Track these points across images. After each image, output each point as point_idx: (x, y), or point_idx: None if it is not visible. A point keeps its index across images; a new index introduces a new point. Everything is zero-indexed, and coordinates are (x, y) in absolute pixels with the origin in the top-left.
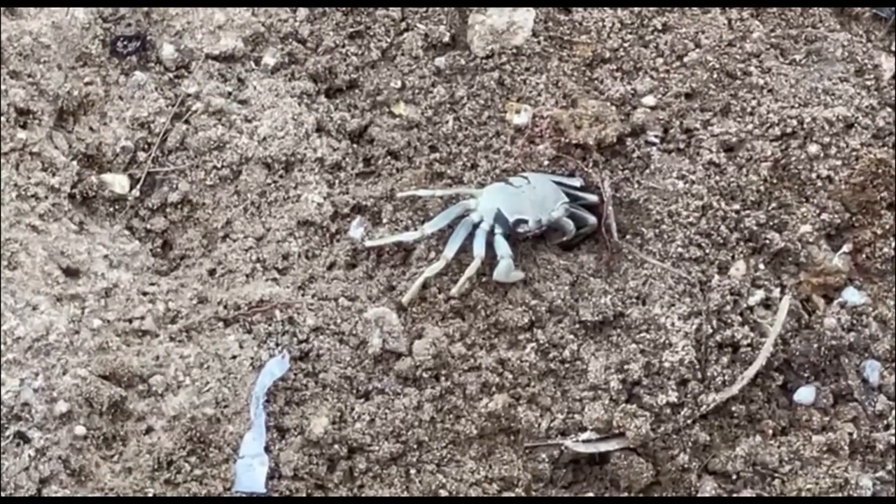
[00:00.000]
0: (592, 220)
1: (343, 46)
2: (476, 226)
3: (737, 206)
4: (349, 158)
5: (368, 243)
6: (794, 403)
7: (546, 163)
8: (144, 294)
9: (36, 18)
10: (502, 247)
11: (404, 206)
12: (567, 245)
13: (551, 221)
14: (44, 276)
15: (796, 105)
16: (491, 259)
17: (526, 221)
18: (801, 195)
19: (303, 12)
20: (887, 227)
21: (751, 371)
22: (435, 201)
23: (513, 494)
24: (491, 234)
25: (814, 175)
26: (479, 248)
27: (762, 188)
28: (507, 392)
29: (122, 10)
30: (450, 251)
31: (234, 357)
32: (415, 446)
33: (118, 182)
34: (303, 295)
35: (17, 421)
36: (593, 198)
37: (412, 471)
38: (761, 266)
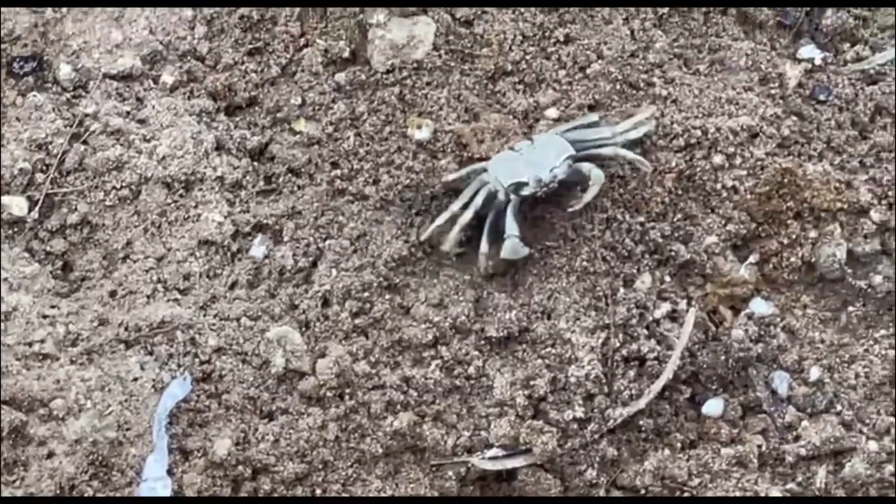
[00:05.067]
0: (587, 169)
1: (242, 63)
2: (492, 196)
3: (641, 219)
4: (250, 176)
5: (424, 236)
6: (702, 416)
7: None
8: (45, 317)
9: None
10: (511, 226)
11: (307, 223)
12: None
13: (556, 178)
14: None
15: (700, 115)
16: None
17: (526, 183)
18: (706, 206)
19: (201, 30)
20: (794, 236)
21: (658, 384)
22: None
23: None
24: (506, 204)
25: (719, 185)
26: (489, 221)
27: (667, 199)
28: (412, 410)
29: (18, 31)
30: (467, 215)
31: (135, 379)
32: (320, 466)
33: (16, 204)
34: (204, 315)
35: None
36: (608, 143)
37: (318, 491)
38: (667, 278)
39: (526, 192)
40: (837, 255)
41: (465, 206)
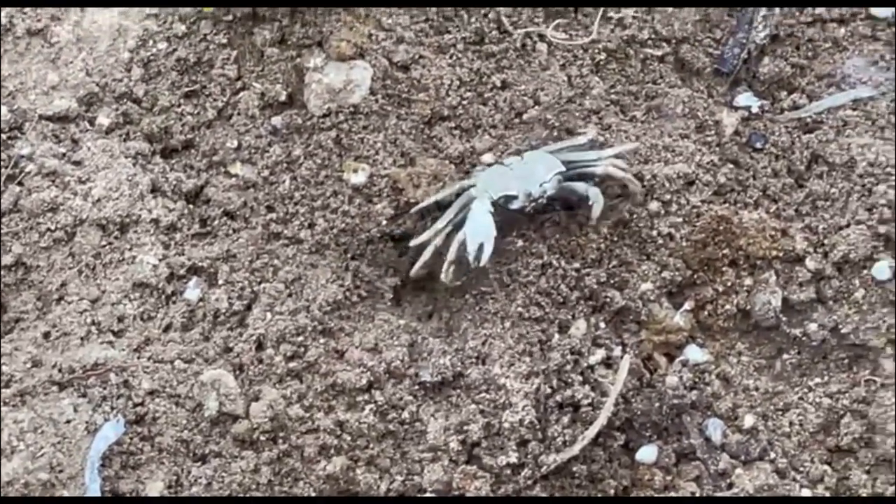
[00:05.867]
0: (583, 189)
1: (178, 106)
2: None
3: (577, 265)
4: (185, 219)
5: (413, 242)
6: (636, 463)
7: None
8: None
9: None
10: (478, 208)
11: (241, 266)
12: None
13: (546, 192)
14: None
15: (636, 162)
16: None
17: (515, 197)
18: (641, 253)
19: (137, 72)
20: (729, 284)
21: (592, 431)
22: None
23: None
24: (491, 215)
25: (655, 232)
26: (452, 249)
27: (603, 246)
28: (346, 454)
29: None
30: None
31: (68, 421)
32: None
33: None
34: (138, 357)
35: None
36: (599, 164)
37: None
38: (602, 325)
39: (515, 205)
40: (772, 303)
41: (451, 222)
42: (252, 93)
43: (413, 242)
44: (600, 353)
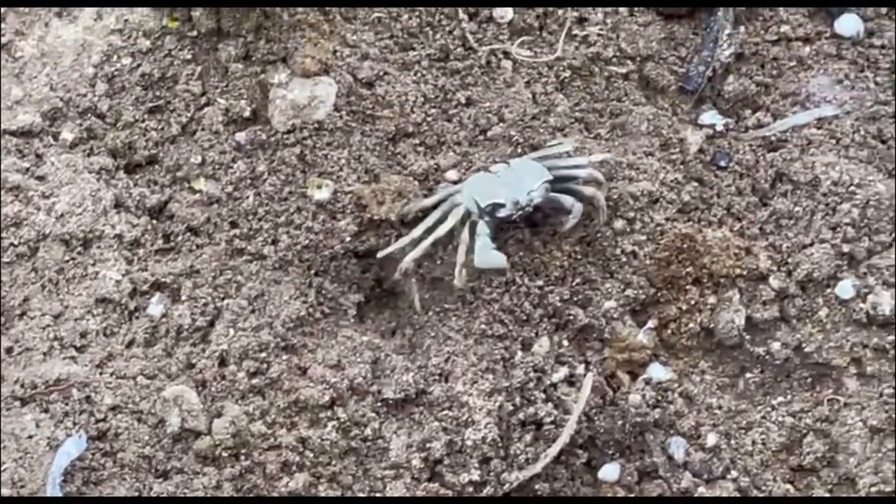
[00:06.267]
0: (569, 201)
1: (142, 121)
2: (464, 218)
3: (540, 282)
4: (148, 235)
5: (381, 254)
6: (598, 481)
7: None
8: None
9: None
10: (481, 232)
11: (205, 282)
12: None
13: (533, 202)
14: None
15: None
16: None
17: (503, 205)
18: (605, 271)
19: (102, 87)
20: (693, 302)
21: (554, 448)
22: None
23: None
24: (474, 222)
25: (618, 250)
26: (463, 236)
27: (566, 264)
28: (308, 471)
29: None
30: (441, 230)
31: (30, 437)
32: None
33: None
34: (101, 373)
35: None
36: (584, 172)
37: None
38: (565, 342)
39: (502, 213)
40: (736, 322)
41: (437, 225)
42: (216, 108)
43: (380, 253)
44: (563, 371)
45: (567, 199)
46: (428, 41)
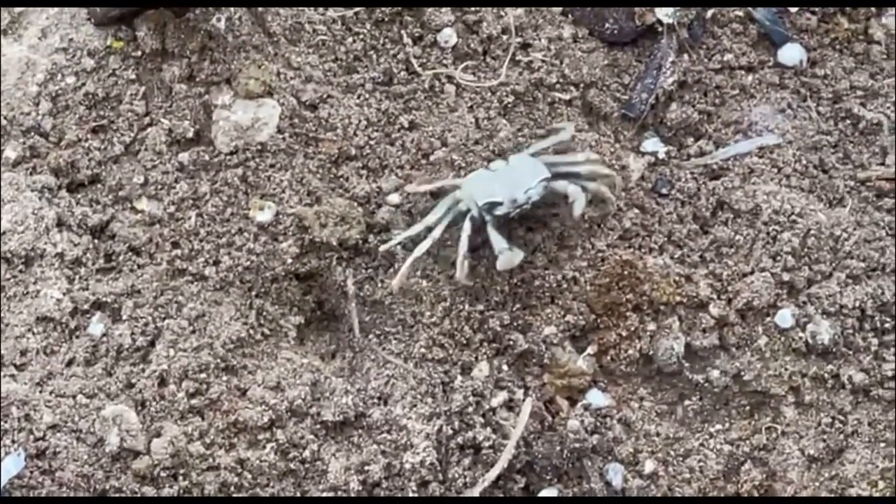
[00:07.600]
0: (563, 187)
1: (86, 141)
2: (464, 214)
3: (481, 307)
4: (90, 254)
5: (383, 248)
6: None
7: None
8: None
9: None
10: (497, 241)
11: (146, 302)
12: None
13: (531, 199)
14: None
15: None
16: (489, 254)
17: (500, 203)
18: (546, 296)
19: (45, 105)
20: (632, 329)
21: (492, 473)
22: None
23: None
24: (482, 223)
25: (559, 276)
26: (462, 243)
27: (507, 289)
28: (246, 492)
29: None
30: (438, 231)
31: None
32: None
33: None
34: (40, 392)
35: None
36: (582, 165)
37: None
38: (505, 367)
39: (500, 211)
40: (675, 349)
41: (436, 224)
42: (160, 129)
43: (383, 247)
44: (502, 396)
45: (561, 184)
46: (372, 65)
